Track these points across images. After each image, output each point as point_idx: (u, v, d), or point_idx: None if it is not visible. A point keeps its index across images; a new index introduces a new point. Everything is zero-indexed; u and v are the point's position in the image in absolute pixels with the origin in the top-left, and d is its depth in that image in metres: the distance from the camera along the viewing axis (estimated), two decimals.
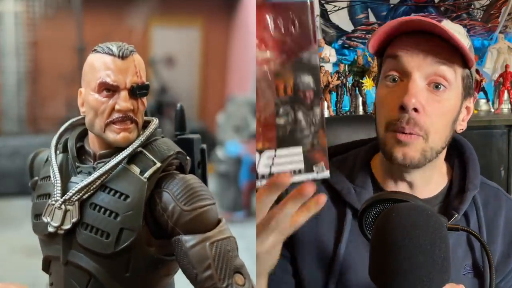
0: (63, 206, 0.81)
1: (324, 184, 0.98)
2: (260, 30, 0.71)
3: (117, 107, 0.81)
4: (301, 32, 0.72)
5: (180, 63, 5.68)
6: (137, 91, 0.83)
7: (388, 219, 0.72)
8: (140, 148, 0.83)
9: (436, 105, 0.88)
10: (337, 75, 2.80)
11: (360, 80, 2.78)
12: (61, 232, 0.82)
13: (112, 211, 0.80)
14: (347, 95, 2.86)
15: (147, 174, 0.81)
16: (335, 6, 3.16)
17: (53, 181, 0.85)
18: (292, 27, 0.71)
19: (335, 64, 3.02)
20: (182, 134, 0.98)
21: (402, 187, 0.95)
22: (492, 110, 2.91)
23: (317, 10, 3.15)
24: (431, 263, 0.69)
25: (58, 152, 0.88)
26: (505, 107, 2.93)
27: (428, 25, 0.86)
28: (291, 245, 0.97)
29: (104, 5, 5.09)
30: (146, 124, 0.88)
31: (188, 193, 0.81)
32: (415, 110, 0.86)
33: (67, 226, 0.81)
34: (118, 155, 0.82)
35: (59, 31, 4.92)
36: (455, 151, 1.01)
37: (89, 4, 4.76)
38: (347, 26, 3.24)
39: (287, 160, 0.72)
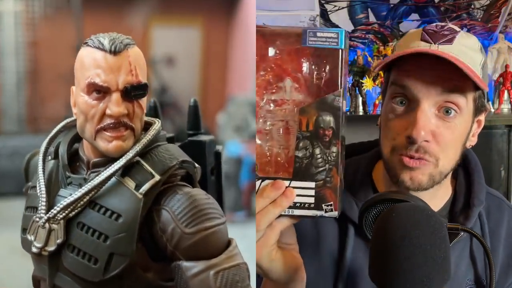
0: (47, 225, 0.70)
1: None
2: (297, 72, 0.76)
3: (108, 112, 0.69)
4: (330, 76, 0.76)
5: (180, 63, 5.68)
6: (131, 92, 0.70)
7: (388, 219, 0.72)
8: (137, 158, 0.71)
9: (446, 131, 0.85)
10: None
11: (360, 80, 2.78)
12: (45, 253, 0.71)
13: (101, 233, 0.68)
14: (347, 95, 2.86)
15: (143, 189, 0.69)
16: (335, 6, 3.16)
17: (39, 195, 0.74)
18: (322, 71, 0.76)
19: None
20: (196, 133, 0.87)
21: None
22: (492, 110, 2.91)
23: (317, 10, 3.15)
24: (431, 263, 0.69)
25: (49, 158, 0.78)
26: (505, 107, 2.93)
27: (438, 55, 0.82)
28: None
29: (104, 4, 5.09)
30: (148, 126, 0.77)
31: (190, 212, 0.69)
32: (425, 140, 0.84)
33: (51, 247, 0.70)
34: (110, 167, 0.70)
35: (59, 31, 4.91)
36: (460, 162, 0.96)
37: (88, 3, 4.75)
38: (347, 26, 3.23)
39: (298, 193, 0.76)
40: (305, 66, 0.76)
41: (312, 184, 0.77)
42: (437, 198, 0.94)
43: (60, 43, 4.82)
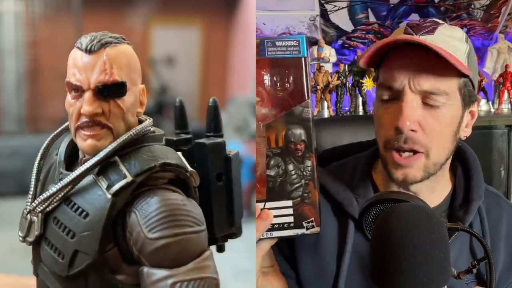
0: (28, 216, 0.71)
1: (324, 194, 0.97)
2: (257, 86, 0.72)
3: (82, 110, 0.69)
4: (295, 87, 0.73)
5: (180, 63, 5.68)
6: (105, 91, 0.69)
7: (388, 219, 0.72)
8: (115, 158, 0.69)
9: (433, 121, 0.85)
10: (337, 75, 2.80)
11: (360, 80, 2.78)
12: (27, 244, 0.73)
13: (70, 230, 0.68)
14: (347, 95, 2.86)
15: (112, 190, 0.67)
16: (335, 6, 3.16)
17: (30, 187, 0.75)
18: (285, 82, 0.72)
19: (335, 64, 3.02)
20: (183, 132, 0.84)
21: None
22: (492, 110, 2.91)
23: (317, 10, 3.15)
24: (431, 263, 0.69)
25: (55, 153, 0.78)
26: (505, 107, 2.93)
27: (417, 42, 0.83)
28: (294, 262, 0.96)
29: (104, 4, 5.09)
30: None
31: (156, 217, 0.65)
32: (412, 130, 0.85)
33: (31, 238, 0.71)
34: (84, 165, 0.69)
35: (59, 31, 4.91)
36: (458, 158, 0.99)
37: (88, 3, 4.76)
38: (347, 26, 3.24)
39: (275, 213, 0.74)
40: (266, 79, 0.72)
41: (289, 203, 0.74)
42: (436, 193, 0.95)
43: (60, 43, 4.82)
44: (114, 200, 0.67)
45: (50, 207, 0.70)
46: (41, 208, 0.70)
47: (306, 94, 0.73)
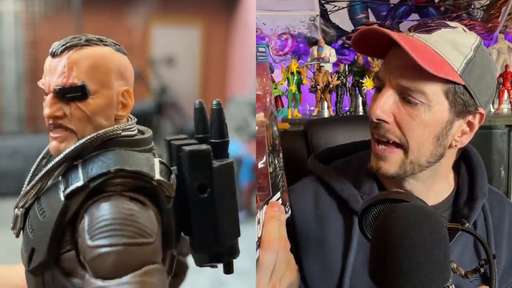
0: (16, 210, 0.72)
1: (328, 192, 0.97)
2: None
3: (43, 113, 0.70)
4: (268, 89, 0.78)
5: (180, 63, 5.68)
6: (64, 94, 0.69)
7: (388, 219, 0.72)
8: (79, 161, 0.68)
9: (408, 117, 0.86)
10: (337, 75, 2.80)
11: (360, 80, 2.78)
12: (15, 236, 0.74)
13: (32, 227, 0.69)
14: (347, 95, 2.86)
15: (65, 192, 0.66)
16: (335, 6, 3.16)
17: None
18: (266, 85, 0.77)
19: (335, 64, 3.02)
20: (205, 137, 0.77)
21: None
22: (492, 110, 2.91)
23: (317, 10, 3.15)
24: (431, 263, 0.69)
25: None
26: (505, 107, 2.93)
27: (384, 35, 0.84)
28: (298, 260, 0.96)
29: (104, 4, 5.08)
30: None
31: (99, 225, 0.62)
32: (384, 120, 0.87)
33: (15, 231, 0.72)
34: (46, 166, 0.70)
35: (59, 31, 4.91)
36: (461, 157, 1.00)
37: (88, 3, 4.76)
38: (347, 26, 3.24)
39: None
40: (258, 82, 0.77)
41: (278, 194, 0.78)
42: (433, 192, 0.96)
43: None
44: (67, 203, 0.65)
45: (27, 204, 0.71)
46: (22, 203, 0.72)
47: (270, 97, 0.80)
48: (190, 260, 0.80)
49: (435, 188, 0.95)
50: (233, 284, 2.61)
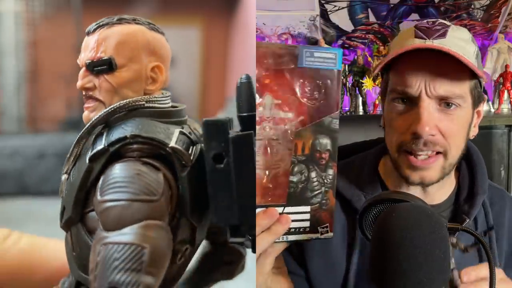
0: (64, 175, 0.77)
1: None
2: (287, 92, 0.73)
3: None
4: (326, 98, 0.74)
5: (180, 63, 5.68)
6: (93, 67, 0.74)
7: (388, 219, 0.72)
8: (105, 129, 0.74)
9: (450, 124, 0.87)
10: None
11: (360, 80, 2.78)
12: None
13: (66, 188, 0.75)
14: (347, 95, 2.86)
15: (89, 155, 0.71)
16: (335, 6, 3.16)
17: None
18: (318, 93, 0.74)
19: None
20: (249, 116, 0.75)
21: (415, 192, 0.94)
22: (492, 110, 2.91)
23: (317, 10, 3.15)
24: (431, 263, 0.69)
25: None
26: (505, 107, 2.93)
27: (436, 49, 0.84)
28: (303, 260, 0.96)
29: (104, 4, 5.08)
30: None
31: (108, 182, 0.68)
32: (431, 135, 0.86)
33: (61, 194, 0.77)
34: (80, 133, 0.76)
35: (59, 31, 4.91)
36: (464, 152, 1.00)
37: (88, 3, 4.75)
38: (347, 26, 3.24)
39: (293, 218, 0.75)
40: (297, 86, 0.73)
41: (307, 208, 0.76)
42: (444, 189, 0.97)
43: (60, 43, 4.82)
44: (90, 165, 0.71)
45: (68, 170, 0.76)
46: (65, 169, 0.77)
47: (336, 106, 0.75)
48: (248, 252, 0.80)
49: (446, 185, 0.97)
50: (233, 284, 2.61)
